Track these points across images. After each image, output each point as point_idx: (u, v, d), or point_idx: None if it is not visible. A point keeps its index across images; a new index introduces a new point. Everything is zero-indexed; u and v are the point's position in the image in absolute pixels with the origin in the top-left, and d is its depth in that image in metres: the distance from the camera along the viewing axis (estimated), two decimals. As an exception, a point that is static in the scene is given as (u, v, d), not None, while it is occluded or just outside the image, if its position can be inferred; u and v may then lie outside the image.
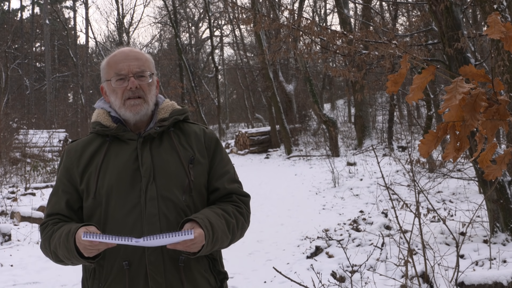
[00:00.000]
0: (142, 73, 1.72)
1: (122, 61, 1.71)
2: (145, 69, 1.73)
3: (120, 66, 1.70)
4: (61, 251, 1.60)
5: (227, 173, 1.79)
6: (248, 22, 6.82)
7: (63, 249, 1.58)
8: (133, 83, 1.69)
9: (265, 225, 7.28)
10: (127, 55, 1.73)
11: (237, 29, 28.13)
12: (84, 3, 32.53)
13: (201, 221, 1.57)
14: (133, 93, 1.70)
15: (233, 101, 38.29)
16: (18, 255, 5.92)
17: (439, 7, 4.87)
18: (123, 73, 1.70)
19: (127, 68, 1.70)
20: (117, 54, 1.74)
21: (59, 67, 33.29)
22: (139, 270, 1.60)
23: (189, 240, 1.51)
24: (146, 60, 1.75)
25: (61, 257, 1.62)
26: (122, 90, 1.70)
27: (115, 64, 1.72)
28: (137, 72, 1.71)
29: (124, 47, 1.79)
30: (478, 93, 1.25)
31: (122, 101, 1.70)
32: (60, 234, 1.60)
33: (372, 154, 13.83)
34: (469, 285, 3.77)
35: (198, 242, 1.53)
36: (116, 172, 1.66)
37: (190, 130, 1.80)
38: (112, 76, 1.71)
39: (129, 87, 1.69)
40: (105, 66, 1.75)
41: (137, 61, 1.72)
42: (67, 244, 1.56)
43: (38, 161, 14.02)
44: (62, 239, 1.58)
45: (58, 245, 1.60)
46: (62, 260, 1.64)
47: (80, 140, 1.79)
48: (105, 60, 1.77)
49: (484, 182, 5.13)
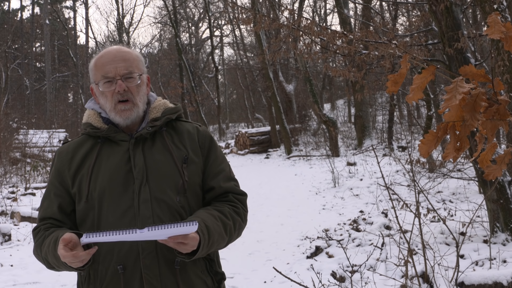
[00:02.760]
0: (130, 74, 1.66)
1: (109, 63, 1.65)
2: (133, 70, 1.67)
3: (107, 68, 1.64)
4: (50, 259, 1.57)
5: (222, 171, 1.75)
6: (248, 22, 6.82)
7: (52, 256, 1.55)
8: (121, 86, 1.63)
9: (265, 225, 7.28)
10: (114, 56, 1.66)
11: (237, 29, 28.14)
12: (84, 3, 32.54)
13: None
14: (122, 96, 1.64)
15: (233, 101, 38.27)
16: (18, 255, 5.91)
17: (439, 7, 4.87)
18: (110, 76, 1.64)
19: (114, 71, 1.64)
20: (104, 55, 1.68)
21: (59, 67, 33.29)
22: (134, 273, 1.57)
23: (181, 237, 1.46)
24: (134, 60, 1.69)
25: (52, 264, 1.59)
26: (110, 93, 1.64)
27: (102, 66, 1.66)
28: (125, 74, 1.65)
29: (111, 47, 1.72)
30: (478, 93, 1.25)
31: (113, 104, 1.65)
32: (49, 242, 1.57)
33: (372, 154, 13.82)
34: (469, 285, 3.77)
35: (189, 245, 1.49)
36: (108, 174, 1.63)
37: (183, 129, 1.76)
38: (99, 79, 1.66)
39: (117, 90, 1.63)
40: (93, 67, 1.69)
41: (125, 62, 1.66)
42: (55, 252, 1.52)
43: (38, 161, 14.01)
44: (50, 247, 1.55)
45: (48, 252, 1.57)
46: (54, 267, 1.62)
47: (72, 142, 1.75)
48: (92, 61, 1.71)
49: (484, 182, 5.13)
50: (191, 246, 1.50)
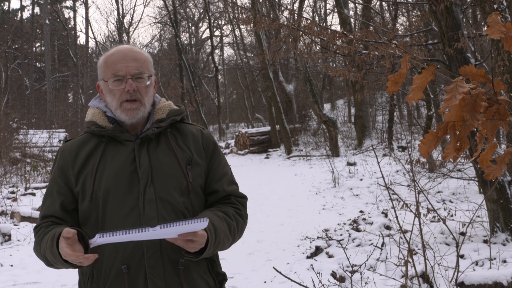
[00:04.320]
0: (141, 75, 1.66)
1: (120, 61, 1.65)
2: (144, 71, 1.67)
3: (118, 66, 1.64)
4: (48, 255, 1.56)
5: (225, 175, 1.77)
6: (248, 22, 6.82)
7: (49, 254, 1.55)
8: (131, 86, 1.63)
9: (265, 225, 7.28)
10: (126, 55, 1.66)
11: (237, 29, 28.14)
12: (84, 3, 32.56)
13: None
14: (131, 95, 1.64)
15: (233, 101, 38.27)
16: (18, 255, 5.91)
17: (439, 7, 4.87)
18: (120, 74, 1.63)
19: (125, 69, 1.63)
20: (115, 53, 1.68)
21: (59, 67, 33.28)
22: (138, 273, 1.57)
23: (190, 234, 1.47)
24: (144, 61, 1.69)
25: (50, 261, 1.59)
26: (119, 91, 1.64)
27: (113, 64, 1.65)
28: (136, 74, 1.65)
29: (122, 45, 1.72)
30: (478, 93, 1.25)
31: (119, 103, 1.65)
32: (47, 239, 1.56)
33: (372, 154, 13.82)
34: (469, 285, 3.77)
35: (198, 243, 1.51)
36: (113, 174, 1.62)
37: (187, 131, 1.76)
38: (109, 76, 1.65)
39: (127, 89, 1.63)
40: (103, 64, 1.69)
41: (136, 62, 1.66)
42: (52, 249, 1.52)
43: (38, 161, 14.01)
44: (48, 244, 1.54)
45: (46, 249, 1.56)
46: (52, 265, 1.61)
47: (75, 140, 1.74)
48: (102, 58, 1.70)
49: (484, 182, 5.13)
50: (199, 244, 1.51)
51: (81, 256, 1.44)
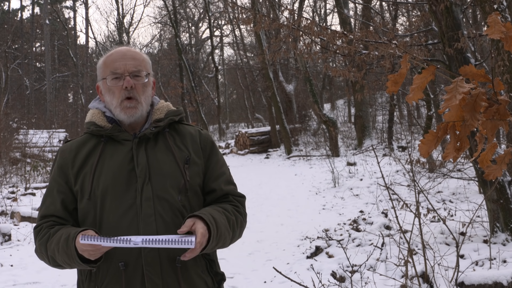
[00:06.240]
0: (138, 72, 1.70)
1: (119, 60, 1.70)
2: (141, 69, 1.71)
3: (116, 64, 1.69)
4: (60, 257, 1.58)
5: (223, 174, 1.79)
6: (248, 22, 6.82)
7: (63, 254, 1.56)
8: (128, 82, 1.67)
9: (265, 225, 7.28)
10: (124, 54, 1.71)
11: (237, 29, 28.14)
12: (84, 3, 32.55)
13: (205, 217, 1.57)
14: (128, 93, 1.68)
15: (233, 101, 38.28)
16: (18, 255, 5.92)
17: (439, 7, 4.87)
18: (119, 72, 1.68)
19: (123, 67, 1.68)
20: (114, 53, 1.73)
21: (59, 67, 33.28)
22: (136, 271, 1.58)
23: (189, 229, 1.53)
24: (143, 60, 1.74)
25: (60, 262, 1.60)
26: (118, 89, 1.68)
27: (112, 62, 1.70)
28: (133, 71, 1.69)
29: (121, 46, 1.77)
30: (478, 93, 1.25)
31: (119, 101, 1.68)
32: (58, 240, 1.57)
33: (372, 154, 13.83)
34: (469, 285, 3.77)
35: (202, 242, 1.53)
36: (111, 173, 1.65)
37: (185, 131, 1.79)
38: (108, 74, 1.69)
39: (124, 86, 1.67)
40: (102, 64, 1.73)
41: (134, 61, 1.71)
42: (67, 250, 1.54)
43: (38, 161, 14.01)
44: (61, 245, 1.56)
45: (56, 250, 1.58)
46: (60, 265, 1.62)
47: (75, 141, 1.77)
48: (101, 59, 1.75)
49: (484, 182, 5.13)
50: (200, 244, 1.53)
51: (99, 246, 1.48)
